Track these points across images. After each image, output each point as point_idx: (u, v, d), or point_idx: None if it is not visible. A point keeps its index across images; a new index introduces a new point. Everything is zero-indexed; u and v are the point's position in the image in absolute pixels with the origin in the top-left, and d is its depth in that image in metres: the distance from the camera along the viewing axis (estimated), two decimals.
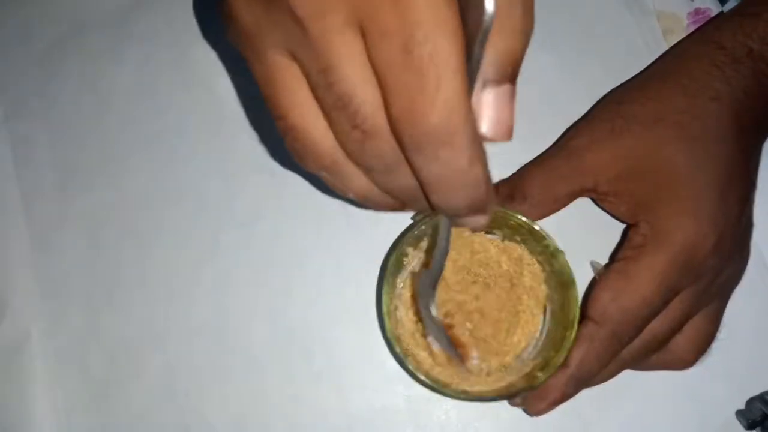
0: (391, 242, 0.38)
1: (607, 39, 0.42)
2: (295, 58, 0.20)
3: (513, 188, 0.36)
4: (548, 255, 0.35)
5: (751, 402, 0.36)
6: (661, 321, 0.33)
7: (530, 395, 0.33)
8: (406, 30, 0.17)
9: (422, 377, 0.33)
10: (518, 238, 0.37)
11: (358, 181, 0.22)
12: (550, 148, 0.38)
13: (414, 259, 0.36)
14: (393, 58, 0.17)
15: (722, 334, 0.36)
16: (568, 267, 0.34)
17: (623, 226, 0.38)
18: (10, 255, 0.40)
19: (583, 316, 0.33)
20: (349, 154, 0.21)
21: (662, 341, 0.34)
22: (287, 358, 0.38)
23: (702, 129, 0.33)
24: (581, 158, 0.35)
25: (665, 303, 0.32)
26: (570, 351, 0.33)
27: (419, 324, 0.36)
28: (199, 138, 0.41)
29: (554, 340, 0.35)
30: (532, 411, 0.34)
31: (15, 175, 0.41)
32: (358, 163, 0.21)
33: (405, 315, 0.36)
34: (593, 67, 0.40)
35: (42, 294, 0.39)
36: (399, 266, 0.36)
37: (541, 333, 0.36)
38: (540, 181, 0.36)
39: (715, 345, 0.36)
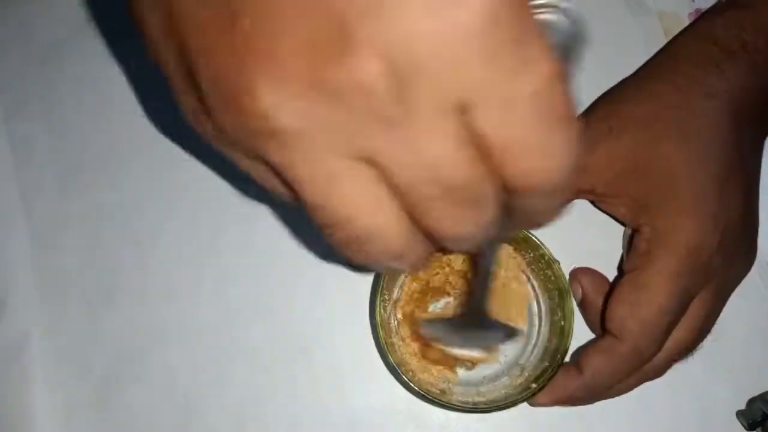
0: None
1: (608, 39, 0.42)
2: (362, 156, 0.17)
3: None
4: (543, 264, 0.35)
5: (751, 402, 0.36)
6: (683, 329, 0.32)
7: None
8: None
9: (415, 387, 0.33)
10: (513, 246, 0.36)
11: (418, 250, 0.20)
12: None
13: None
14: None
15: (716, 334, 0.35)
16: (563, 277, 0.34)
17: (621, 229, 0.37)
18: (10, 255, 0.40)
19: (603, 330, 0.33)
20: (438, 229, 0.19)
21: (688, 350, 0.33)
22: (287, 358, 0.38)
23: (698, 126, 0.33)
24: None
25: (682, 308, 0.32)
26: (581, 360, 0.33)
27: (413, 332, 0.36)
28: (200, 138, 0.41)
29: (548, 350, 0.35)
30: (532, 400, 0.34)
31: (15, 175, 0.41)
32: (449, 233, 0.19)
33: (400, 324, 0.36)
34: (593, 67, 0.40)
35: (42, 294, 0.39)
36: (394, 276, 0.36)
37: (535, 343, 0.36)
38: None
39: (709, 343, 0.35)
